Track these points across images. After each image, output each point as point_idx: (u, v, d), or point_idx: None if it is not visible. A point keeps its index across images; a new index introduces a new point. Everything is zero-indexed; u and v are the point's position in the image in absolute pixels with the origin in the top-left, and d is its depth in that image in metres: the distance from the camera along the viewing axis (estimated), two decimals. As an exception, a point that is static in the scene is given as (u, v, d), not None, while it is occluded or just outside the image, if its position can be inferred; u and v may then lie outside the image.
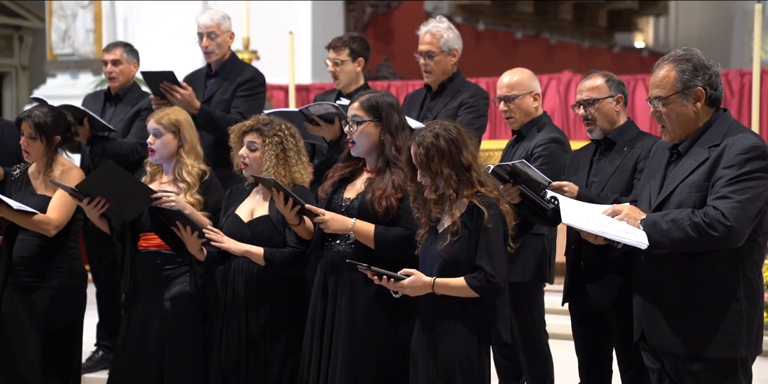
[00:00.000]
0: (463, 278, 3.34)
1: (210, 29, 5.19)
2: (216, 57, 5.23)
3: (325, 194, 3.78)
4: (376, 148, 3.71)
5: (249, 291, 3.88)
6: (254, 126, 3.92)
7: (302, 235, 3.80)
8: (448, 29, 4.73)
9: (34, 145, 4.29)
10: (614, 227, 3.16)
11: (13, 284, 4.29)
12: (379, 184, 3.66)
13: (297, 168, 3.91)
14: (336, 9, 10.56)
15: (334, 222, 3.62)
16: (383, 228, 3.62)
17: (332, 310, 3.68)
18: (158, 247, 4.07)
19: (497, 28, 13.48)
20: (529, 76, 4.30)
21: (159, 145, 4.12)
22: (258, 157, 3.89)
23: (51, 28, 10.36)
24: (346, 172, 3.81)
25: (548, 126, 4.31)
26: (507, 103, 4.25)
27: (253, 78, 5.21)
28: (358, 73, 5.03)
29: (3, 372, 4.27)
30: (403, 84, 8.85)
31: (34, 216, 4.17)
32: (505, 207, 3.44)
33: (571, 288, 3.85)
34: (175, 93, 4.90)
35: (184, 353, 4.03)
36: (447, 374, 3.36)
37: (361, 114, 3.70)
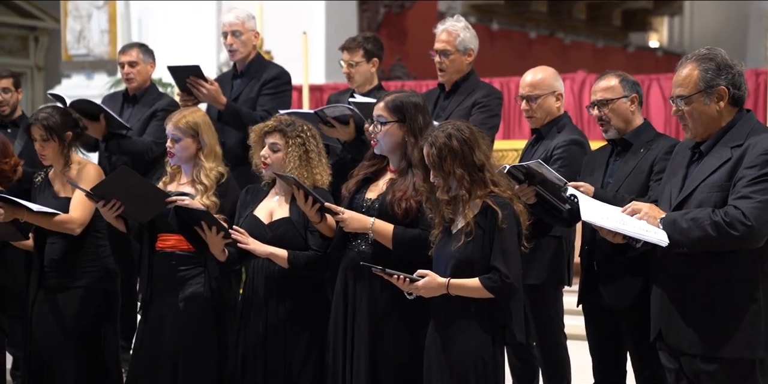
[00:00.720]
0: (477, 279, 3.33)
1: (235, 27, 5.20)
2: (240, 55, 5.24)
3: (348, 192, 3.78)
4: (399, 148, 3.71)
5: (268, 290, 3.88)
6: (277, 127, 3.92)
7: (325, 232, 3.80)
8: (464, 29, 4.72)
9: (49, 146, 4.32)
10: (634, 225, 3.15)
11: (45, 286, 4.32)
12: (400, 186, 3.65)
13: (318, 170, 3.92)
14: (350, 9, 10.56)
15: (353, 221, 3.62)
16: (402, 229, 3.61)
17: (353, 311, 3.69)
18: (173, 248, 4.09)
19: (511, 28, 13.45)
20: (553, 76, 4.27)
21: (178, 148, 4.13)
22: (281, 158, 3.89)
23: (66, 28, 10.41)
24: (370, 171, 3.80)
25: (569, 127, 4.29)
26: (529, 102, 4.23)
27: (278, 76, 5.21)
28: (372, 74, 5.03)
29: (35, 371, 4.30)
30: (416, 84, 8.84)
31: (57, 216, 4.20)
32: (519, 207, 3.43)
33: (585, 288, 3.84)
34: (201, 88, 4.91)
35: (198, 354, 4.03)
36: (461, 374, 3.36)
37: (386, 114, 3.69)
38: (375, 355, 3.62)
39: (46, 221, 4.20)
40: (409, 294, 3.44)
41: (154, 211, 4.02)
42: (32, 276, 4.37)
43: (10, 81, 5.43)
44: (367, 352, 3.63)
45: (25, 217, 4.14)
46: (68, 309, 4.27)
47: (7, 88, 5.42)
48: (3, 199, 4.08)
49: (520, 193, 3.59)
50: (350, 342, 3.69)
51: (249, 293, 3.95)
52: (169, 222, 3.95)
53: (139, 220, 4.09)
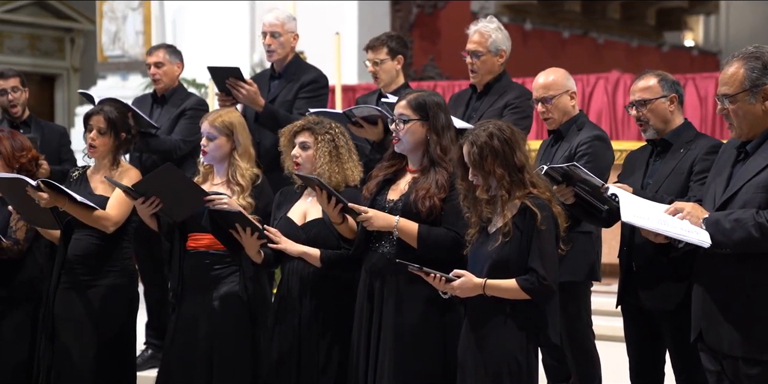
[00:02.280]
0: (514, 280, 3.32)
1: (274, 28, 5.22)
2: (278, 56, 5.26)
3: (369, 194, 3.79)
4: (420, 147, 3.71)
5: (302, 291, 3.90)
6: (305, 125, 3.94)
7: (345, 234, 3.81)
8: (497, 29, 4.71)
9: (103, 139, 4.34)
10: (675, 226, 3.13)
11: (68, 282, 4.34)
12: (423, 184, 3.65)
13: (349, 165, 3.93)
14: (382, 9, 10.57)
15: (377, 220, 3.63)
16: (427, 227, 3.61)
17: (378, 313, 3.69)
18: (207, 248, 4.11)
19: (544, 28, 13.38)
20: (564, 75, 4.27)
21: (212, 147, 4.15)
22: (311, 155, 3.91)
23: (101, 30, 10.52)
24: (389, 171, 3.80)
25: (588, 124, 4.28)
26: (544, 104, 4.24)
27: (316, 79, 5.23)
28: (398, 71, 5.03)
29: (58, 370, 4.32)
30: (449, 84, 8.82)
31: (95, 212, 4.23)
32: (557, 208, 3.42)
33: (624, 290, 3.81)
34: (241, 89, 4.93)
35: (233, 354, 4.05)
36: (494, 375, 3.35)
37: (408, 112, 3.70)
38: (402, 356, 3.62)
39: (84, 214, 4.22)
40: (444, 293, 3.43)
41: (191, 210, 4.04)
42: (54, 269, 4.39)
43: (17, 80, 5.47)
44: (393, 354, 3.63)
45: (65, 206, 4.16)
46: (91, 307, 4.30)
47: (15, 87, 5.46)
48: (48, 185, 4.11)
49: (559, 194, 3.58)
50: (375, 343, 3.69)
51: (284, 294, 3.96)
52: (203, 224, 3.97)
53: (175, 218, 4.11)
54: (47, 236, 4.50)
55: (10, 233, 4.45)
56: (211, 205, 3.95)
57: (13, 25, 14.42)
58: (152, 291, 5.56)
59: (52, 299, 4.35)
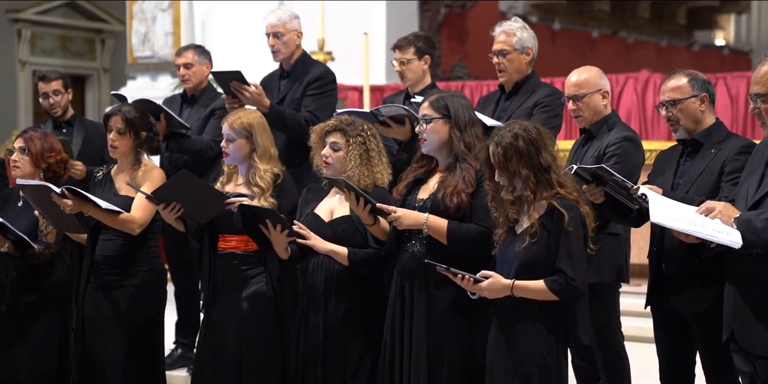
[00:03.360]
0: (543, 281, 3.31)
1: (276, 29, 5.23)
2: (282, 56, 5.26)
3: (399, 195, 3.79)
4: (446, 145, 3.71)
5: (328, 288, 3.90)
6: (337, 126, 3.94)
7: (377, 235, 3.81)
8: (521, 28, 4.70)
9: (123, 140, 4.36)
10: (706, 226, 3.10)
11: (96, 283, 4.36)
12: (450, 181, 3.66)
13: (378, 168, 3.93)
14: (410, 9, 10.57)
15: (406, 218, 3.63)
16: (456, 223, 3.61)
17: (410, 313, 3.68)
18: (235, 249, 4.12)
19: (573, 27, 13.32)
20: (597, 74, 4.24)
21: (232, 149, 4.16)
22: (341, 157, 3.91)
23: (131, 31, 10.59)
24: (420, 172, 3.81)
25: (619, 124, 4.24)
26: (576, 102, 4.20)
27: (322, 76, 5.20)
28: (425, 71, 5.01)
29: (88, 371, 4.35)
30: (477, 84, 8.81)
31: (120, 215, 4.25)
32: (585, 209, 3.40)
33: (654, 291, 3.79)
34: (245, 92, 4.95)
35: (261, 354, 4.06)
36: (523, 375, 3.34)
37: (431, 112, 3.72)
38: (433, 356, 3.62)
39: (109, 218, 4.24)
40: (473, 294, 3.43)
41: (213, 213, 4.06)
42: (82, 271, 4.41)
43: (59, 83, 5.51)
44: (425, 354, 3.62)
45: (90, 212, 4.20)
46: (120, 307, 4.31)
47: (57, 90, 5.50)
48: (72, 192, 4.15)
49: (588, 193, 3.55)
50: (407, 344, 3.68)
51: (309, 291, 3.97)
52: (234, 222, 3.99)
53: (199, 221, 4.13)
54: (74, 238, 4.53)
55: (41, 237, 4.48)
56: (232, 208, 3.97)
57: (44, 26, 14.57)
58: (182, 291, 5.59)
59: (81, 300, 4.37)
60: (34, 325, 4.49)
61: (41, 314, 4.50)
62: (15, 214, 4.53)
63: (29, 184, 4.27)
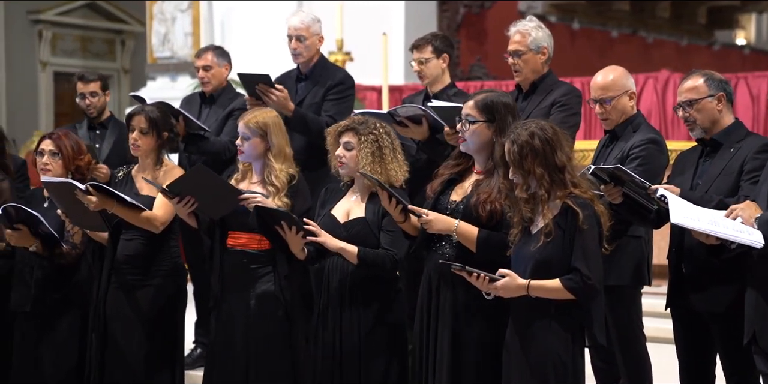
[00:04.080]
0: (558, 280, 3.30)
1: (299, 32, 5.25)
2: (303, 59, 5.28)
3: (432, 193, 3.78)
4: (486, 148, 3.68)
5: (343, 289, 3.91)
6: (349, 126, 3.95)
7: (409, 231, 3.80)
8: (536, 28, 4.68)
9: (145, 139, 4.38)
10: (727, 226, 3.08)
11: (118, 283, 4.38)
12: (485, 188, 3.63)
13: (392, 166, 3.92)
14: (429, 9, 10.56)
15: (437, 222, 3.62)
16: (486, 232, 3.59)
17: (436, 313, 3.69)
18: (244, 247, 4.13)
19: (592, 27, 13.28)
20: (623, 75, 4.21)
21: (247, 147, 4.18)
22: (354, 155, 3.91)
23: (151, 31, 10.63)
24: (455, 171, 3.78)
25: (644, 126, 4.22)
26: (603, 105, 4.17)
27: (342, 81, 5.24)
28: (443, 70, 5.01)
29: (109, 369, 4.37)
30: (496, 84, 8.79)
31: (143, 213, 4.27)
32: (600, 207, 3.38)
33: (674, 292, 3.77)
34: (271, 95, 4.97)
35: (269, 352, 4.07)
36: (540, 375, 3.33)
37: (475, 114, 3.67)
38: (457, 356, 3.61)
39: (132, 216, 4.26)
40: (488, 294, 3.42)
41: (227, 208, 4.07)
42: (103, 270, 4.43)
43: (98, 84, 5.54)
44: (449, 353, 3.62)
45: (113, 209, 4.22)
46: (141, 307, 4.33)
47: (94, 91, 5.53)
48: (96, 188, 4.17)
49: (606, 194, 3.54)
50: (433, 343, 3.69)
51: (325, 291, 3.97)
52: (250, 222, 4.00)
53: (212, 216, 4.14)
54: (95, 237, 4.55)
55: (67, 237, 4.51)
56: (245, 204, 3.98)
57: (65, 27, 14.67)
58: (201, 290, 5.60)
59: (103, 300, 4.40)
60: (57, 324, 4.52)
61: (64, 313, 4.52)
62: (40, 214, 4.56)
63: (53, 182, 4.30)
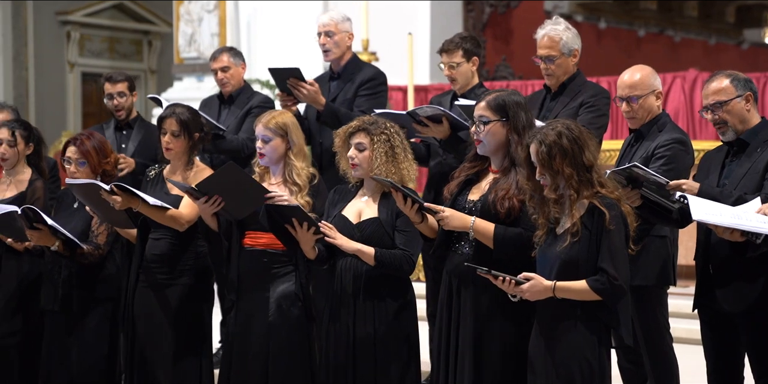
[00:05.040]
0: (584, 281, 3.28)
1: (328, 28, 5.27)
2: (333, 56, 5.30)
3: (450, 194, 3.78)
4: (502, 148, 3.68)
5: (357, 289, 3.90)
6: (360, 126, 3.93)
7: (426, 233, 3.80)
8: (565, 30, 4.65)
9: (177, 141, 4.40)
10: (750, 219, 3.05)
11: (146, 282, 4.40)
12: (503, 185, 3.63)
13: (405, 164, 3.92)
14: (455, 9, 10.54)
15: (453, 219, 3.61)
16: (503, 228, 3.58)
17: (457, 314, 3.67)
18: (265, 246, 4.14)
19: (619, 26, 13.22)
20: (651, 74, 4.18)
21: (268, 149, 4.18)
22: (367, 156, 3.90)
23: (178, 32, 10.69)
24: (471, 172, 3.78)
25: (670, 125, 4.19)
26: (630, 104, 4.15)
27: (374, 77, 5.25)
28: (473, 73, 5.02)
29: (138, 368, 4.40)
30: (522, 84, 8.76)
31: (168, 211, 4.29)
32: (626, 208, 3.37)
33: (701, 292, 3.74)
34: (302, 89, 4.99)
35: (289, 352, 4.08)
36: (566, 377, 3.31)
37: (488, 114, 3.67)
38: (479, 357, 3.60)
39: (157, 214, 4.28)
40: (513, 296, 3.41)
41: (252, 208, 4.07)
42: (131, 269, 4.45)
43: (125, 85, 5.58)
44: (471, 355, 3.61)
45: (138, 207, 4.24)
46: (170, 306, 4.35)
47: (122, 92, 5.57)
48: (121, 188, 4.20)
49: (625, 197, 3.52)
50: (454, 345, 3.68)
51: (337, 292, 3.96)
52: (260, 220, 4.00)
53: (236, 216, 4.14)
54: (125, 236, 4.58)
55: (92, 237, 4.55)
56: (271, 202, 3.97)
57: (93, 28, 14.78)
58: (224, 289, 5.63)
59: (131, 299, 4.42)
60: (85, 322, 4.55)
61: (91, 312, 4.55)
62: (70, 214, 4.60)
63: (79, 183, 4.34)
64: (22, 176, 4.97)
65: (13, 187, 4.96)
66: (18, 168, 4.98)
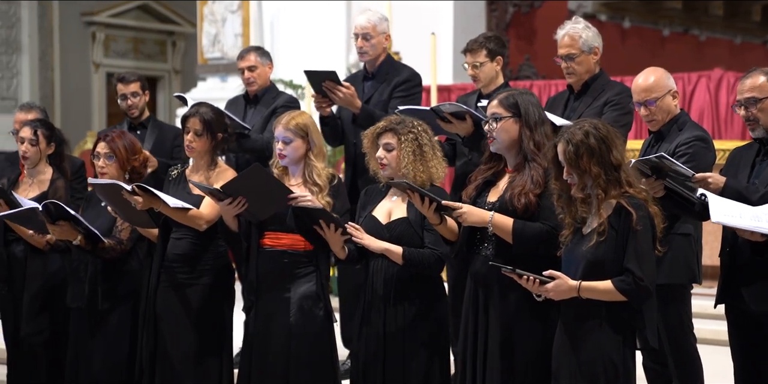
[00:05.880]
0: (610, 281, 3.27)
1: (365, 31, 5.27)
2: (369, 57, 5.30)
3: (468, 198, 3.78)
4: (515, 144, 3.69)
5: (388, 290, 3.91)
6: (387, 127, 3.95)
7: (446, 235, 3.80)
8: (585, 28, 4.65)
9: (200, 141, 4.41)
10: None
11: (167, 281, 4.42)
12: (519, 181, 3.64)
13: (433, 163, 3.92)
14: (478, 9, 10.52)
15: (472, 215, 3.61)
16: (522, 223, 3.58)
17: (483, 316, 3.67)
18: (286, 247, 4.15)
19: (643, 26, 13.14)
20: (663, 75, 4.18)
21: (289, 150, 4.19)
22: (395, 156, 3.91)
23: (202, 33, 10.73)
24: (488, 174, 3.79)
25: (689, 124, 4.19)
26: (648, 107, 4.15)
27: (409, 78, 5.25)
28: (497, 73, 5.01)
29: (159, 367, 4.41)
30: (545, 84, 8.73)
31: (189, 211, 4.31)
32: (654, 209, 3.35)
33: (726, 292, 3.72)
34: (337, 92, 4.99)
35: (311, 352, 4.09)
36: (590, 377, 3.30)
37: (501, 111, 3.69)
38: (508, 358, 3.60)
39: (178, 214, 4.30)
40: (538, 296, 3.40)
41: (275, 209, 4.08)
42: (153, 268, 4.47)
43: (137, 85, 5.62)
44: (499, 356, 3.61)
45: (160, 207, 4.26)
46: (191, 306, 4.36)
47: (135, 92, 5.61)
48: (142, 189, 4.23)
49: (648, 187, 3.51)
50: (482, 347, 3.67)
51: (369, 294, 3.97)
52: (288, 222, 4.01)
53: (259, 217, 4.14)
54: (146, 235, 4.60)
55: (115, 232, 4.58)
56: (294, 203, 3.99)
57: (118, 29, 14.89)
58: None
59: (153, 298, 4.44)
60: (107, 320, 4.57)
61: (114, 310, 4.58)
62: (97, 213, 4.63)
63: (101, 183, 4.37)
64: (44, 176, 5.02)
65: (35, 186, 5.01)
66: (39, 168, 5.03)
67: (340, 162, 5.52)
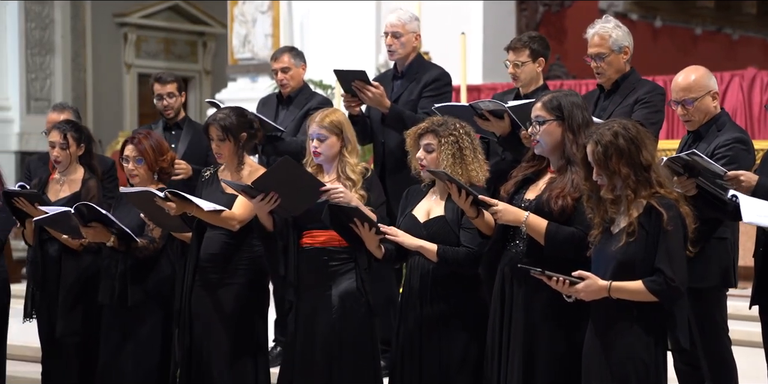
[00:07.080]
0: (641, 282, 3.25)
1: (395, 29, 5.26)
2: (398, 56, 5.29)
3: (506, 194, 3.77)
4: (559, 147, 3.66)
5: (424, 287, 3.92)
6: (429, 128, 3.95)
7: (483, 229, 3.80)
8: (615, 28, 4.61)
9: (225, 146, 4.45)
10: None
11: (201, 281, 4.44)
12: (558, 184, 3.62)
13: (473, 166, 3.92)
14: (508, 8, 10.48)
15: (507, 213, 3.60)
16: (556, 225, 3.57)
17: (509, 313, 3.67)
18: (324, 244, 4.16)
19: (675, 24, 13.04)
20: (705, 74, 4.12)
21: (324, 148, 4.21)
22: (434, 158, 3.92)
23: (232, 33, 10.77)
24: (529, 171, 3.77)
25: (729, 125, 4.13)
26: (686, 107, 4.10)
27: (439, 77, 5.23)
28: (538, 74, 4.97)
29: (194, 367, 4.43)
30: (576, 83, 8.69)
31: (221, 213, 4.34)
32: (686, 209, 3.32)
33: (761, 293, 3.68)
34: (367, 92, 5.00)
35: (354, 349, 4.10)
36: (621, 377, 3.28)
37: (544, 114, 3.66)
38: (530, 356, 3.59)
39: (212, 216, 4.32)
40: (568, 297, 3.39)
41: (308, 204, 4.08)
42: (187, 268, 4.49)
43: (174, 86, 5.65)
44: (521, 354, 3.60)
45: (193, 212, 4.29)
46: (226, 306, 4.38)
47: (171, 93, 5.64)
48: (175, 195, 4.25)
49: (680, 185, 3.48)
50: (506, 344, 3.67)
51: (406, 291, 3.99)
52: (323, 219, 4.02)
53: (293, 213, 4.15)
54: (179, 236, 4.64)
55: (147, 231, 4.62)
56: (326, 196, 3.99)
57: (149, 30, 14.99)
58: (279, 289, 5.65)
59: (188, 298, 4.46)
60: (139, 321, 4.61)
61: (147, 310, 4.61)
62: (127, 211, 4.67)
63: (133, 192, 4.41)
64: (75, 176, 5.07)
65: (66, 187, 5.06)
66: (71, 168, 5.08)
67: (370, 162, 5.51)
